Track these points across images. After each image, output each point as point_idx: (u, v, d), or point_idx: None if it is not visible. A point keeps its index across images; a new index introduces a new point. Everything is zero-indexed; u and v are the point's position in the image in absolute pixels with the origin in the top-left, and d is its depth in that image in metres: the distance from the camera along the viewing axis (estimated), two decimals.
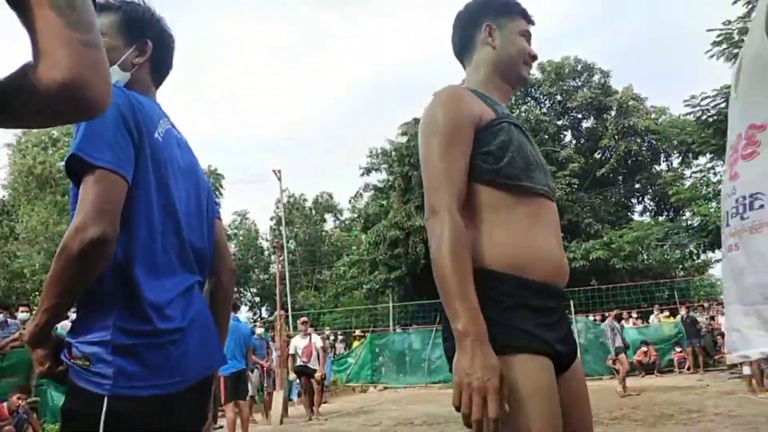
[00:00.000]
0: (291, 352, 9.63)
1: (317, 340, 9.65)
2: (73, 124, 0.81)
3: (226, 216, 33.55)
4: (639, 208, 23.70)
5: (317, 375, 9.35)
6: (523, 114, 21.66)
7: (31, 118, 0.72)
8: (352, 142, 70.42)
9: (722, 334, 13.19)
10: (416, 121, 22.28)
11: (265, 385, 10.05)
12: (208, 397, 1.36)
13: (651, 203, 23.11)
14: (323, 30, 70.17)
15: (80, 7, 0.69)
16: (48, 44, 0.66)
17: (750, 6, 10.62)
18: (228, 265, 1.55)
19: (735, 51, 11.12)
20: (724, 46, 11.19)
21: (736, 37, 11.08)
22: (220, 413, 7.97)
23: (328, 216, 36.75)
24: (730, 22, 11.07)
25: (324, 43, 71.30)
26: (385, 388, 13.89)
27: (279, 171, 19.99)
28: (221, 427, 7.79)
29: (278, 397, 9.29)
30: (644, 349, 13.65)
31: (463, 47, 1.51)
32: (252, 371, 9.40)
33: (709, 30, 11.11)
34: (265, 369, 10.03)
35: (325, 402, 10.58)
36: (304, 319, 10.57)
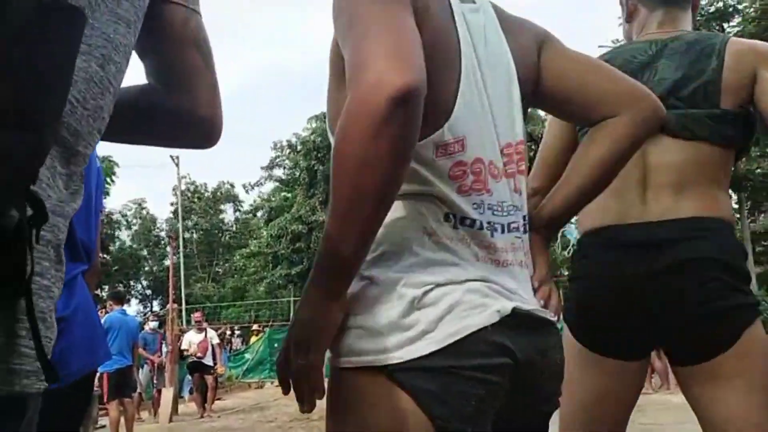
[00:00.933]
0: (184, 347, 9.23)
1: (213, 336, 9.33)
2: (186, 148, 0.89)
3: (120, 204, 31.51)
4: None
5: (219, 370, 9.06)
6: None
7: (157, 138, 0.82)
8: (258, 133, 68.88)
9: None
10: (324, 115, 22.22)
11: (155, 381, 9.51)
12: (89, 396, 1.30)
13: None
14: (234, 15, 67.81)
15: (211, 51, 0.79)
16: (192, 82, 0.76)
17: None
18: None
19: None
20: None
21: None
22: (102, 412, 7.51)
23: (228, 206, 35.68)
24: (618, 41, 12.08)
25: (235, 29, 68.94)
26: None
27: (177, 157, 19.12)
28: (103, 426, 7.33)
29: (168, 394, 8.89)
30: None
31: None
32: (141, 367, 8.92)
33: (600, 46, 12.09)
34: (155, 365, 9.47)
35: (218, 399, 10.25)
36: (198, 314, 10.19)
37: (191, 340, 9.17)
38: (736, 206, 16.95)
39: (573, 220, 1.13)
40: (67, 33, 0.52)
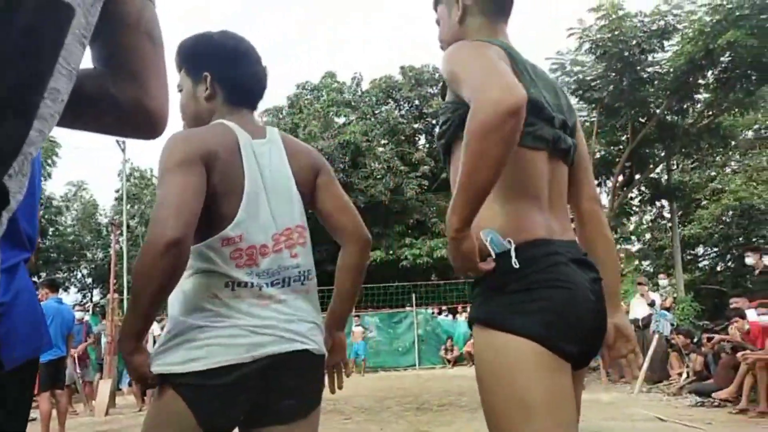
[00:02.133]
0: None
1: (155, 327, 9.06)
2: (130, 138, 0.88)
3: (59, 187, 29.95)
4: None
5: None
6: (384, 114, 22.37)
7: (101, 125, 0.81)
8: None
9: None
10: (275, 109, 21.93)
11: (79, 373, 8.96)
12: (30, 386, 1.29)
13: None
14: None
15: (163, 43, 0.79)
16: (142, 71, 0.75)
17: (581, 40, 12.10)
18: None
19: (567, 79, 12.61)
20: (558, 73, 12.62)
21: (568, 67, 12.56)
22: (33, 404, 7.24)
23: None
24: (563, 53, 12.51)
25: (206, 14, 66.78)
26: None
27: (123, 142, 18.42)
28: (34, 419, 7.07)
29: (105, 386, 8.64)
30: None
31: None
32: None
33: (547, 59, 12.49)
34: (75, 357, 8.67)
35: None
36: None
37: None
38: (668, 215, 17.87)
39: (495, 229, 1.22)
40: (59, 27, 0.57)
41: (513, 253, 1.19)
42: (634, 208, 17.55)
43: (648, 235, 20.74)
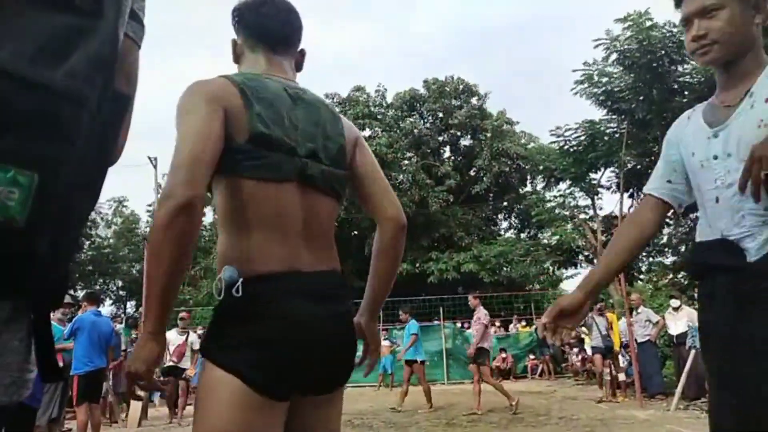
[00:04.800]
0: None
1: (195, 340, 8.89)
2: None
3: (99, 202, 30.79)
4: (505, 225, 25.52)
5: (189, 372, 8.72)
6: (408, 126, 22.43)
7: None
8: None
9: (569, 345, 14.66)
10: None
11: (111, 385, 8.93)
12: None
13: (516, 221, 24.96)
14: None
15: (137, 84, 0.95)
16: None
17: (608, 51, 11.96)
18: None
19: (594, 90, 12.47)
20: (586, 85, 12.49)
21: (596, 78, 12.43)
22: (69, 415, 7.38)
23: (207, 209, 35.29)
24: (590, 64, 12.38)
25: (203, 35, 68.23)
26: None
27: (155, 158, 18.91)
28: (69, 430, 7.22)
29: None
30: (503, 355, 14.73)
31: None
32: None
33: (574, 70, 12.39)
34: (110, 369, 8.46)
35: (190, 404, 10.15)
36: (184, 314, 9.68)
37: (170, 339, 8.79)
38: None
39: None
40: (121, 116, 0.80)
41: (236, 287, 1.21)
42: (667, 220, 17.17)
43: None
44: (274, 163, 1.28)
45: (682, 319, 9.12)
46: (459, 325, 15.39)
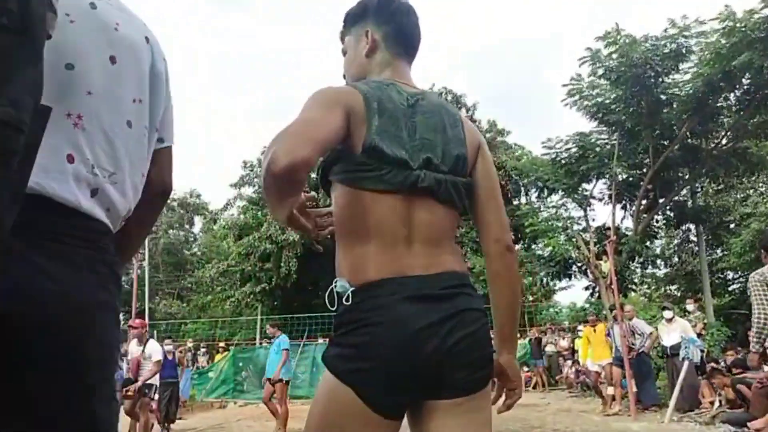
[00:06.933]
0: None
1: (154, 350, 7.53)
2: None
3: None
4: None
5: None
6: None
7: None
8: (228, 150, 68.29)
9: (563, 356, 14.62)
10: None
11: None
12: None
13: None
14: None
15: None
16: None
17: (594, 67, 12.10)
18: None
19: (585, 103, 12.59)
20: (576, 97, 12.62)
21: (586, 92, 12.56)
22: None
23: (197, 218, 35.18)
24: (579, 76, 12.52)
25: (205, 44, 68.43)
26: (247, 404, 13.46)
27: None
28: None
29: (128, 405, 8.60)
30: None
31: None
32: None
33: (563, 85, 12.57)
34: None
35: (180, 418, 10.03)
36: (136, 321, 8.17)
37: (130, 350, 7.72)
38: (694, 239, 17.48)
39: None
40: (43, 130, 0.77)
41: (346, 296, 1.24)
42: (659, 231, 17.22)
43: (675, 259, 20.30)
44: (385, 175, 1.29)
45: (675, 331, 9.10)
46: None
